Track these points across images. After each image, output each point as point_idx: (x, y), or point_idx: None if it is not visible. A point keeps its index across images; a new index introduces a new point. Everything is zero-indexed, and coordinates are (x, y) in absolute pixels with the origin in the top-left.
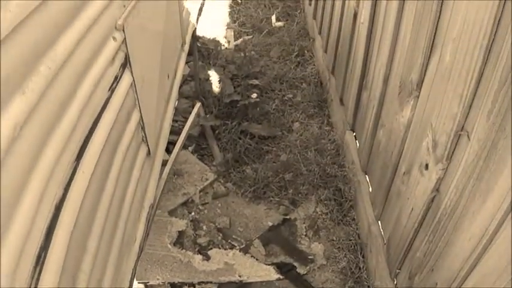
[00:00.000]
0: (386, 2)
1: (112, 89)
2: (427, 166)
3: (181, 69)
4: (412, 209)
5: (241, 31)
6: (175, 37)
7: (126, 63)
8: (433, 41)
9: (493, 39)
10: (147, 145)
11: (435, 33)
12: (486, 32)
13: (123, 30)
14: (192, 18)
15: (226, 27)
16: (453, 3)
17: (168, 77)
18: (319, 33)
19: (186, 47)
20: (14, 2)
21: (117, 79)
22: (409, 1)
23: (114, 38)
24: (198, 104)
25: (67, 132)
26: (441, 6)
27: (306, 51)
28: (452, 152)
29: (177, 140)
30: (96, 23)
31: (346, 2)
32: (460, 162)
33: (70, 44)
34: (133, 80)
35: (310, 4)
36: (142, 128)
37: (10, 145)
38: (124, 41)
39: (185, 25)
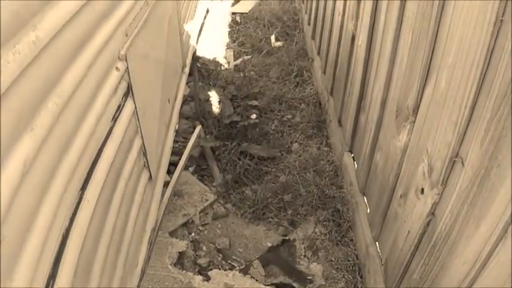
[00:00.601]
0: (383, 25)
1: (115, 119)
2: (422, 190)
3: (182, 92)
4: (409, 231)
5: (240, 51)
6: (176, 61)
7: (128, 92)
8: (429, 67)
9: (486, 69)
10: (149, 170)
11: (431, 60)
12: (479, 61)
13: (126, 60)
14: (192, 41)
15: (226, 47)
16: (448, 31)
17: (169, 101)
18: (318, 53)
19: (187, 70)
20: (23, 44)
21: (119, 108)
22: (405, 26)
23: (117, 68)
24: (199, 127)
25: (73, 163)
26: (437, 33)
27: (304, 72)
28: (447, 178)
29: (178, 161)
30: (100, 55)
31: (345, 24)
32: (454, 187)
33: (76, 78)
34: (136, 108)
35: (309, 24)
36: (144, 154)
37: (20, 181)
38: (126, 70)
39: (185, 48)
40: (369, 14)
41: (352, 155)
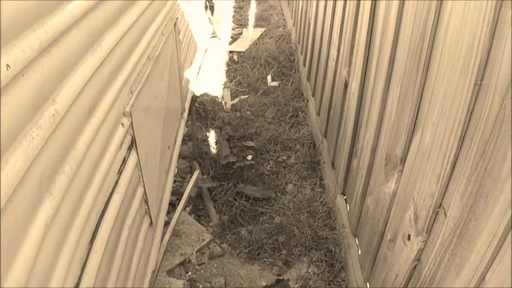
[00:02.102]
0: (374, 77)
1: (120, 171)
2: (409, 237)
3: (181, 137)
4: (397, 275)
5: (237, 90)
6: (175, 107)
7: (132, 145)
8: (416, 121)
9: (467, 128)
10: (150, 216)
11: (417, 114)
12: (461, 120)
13: (130, 116)
14: (191, 84)
15: (223, 86)
16: (432, 91)
17: (169, 147)
18: (313, 95)
19: (185, 114)
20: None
21: (124, 161)
22: (395, 79)
23: (122, 124)
24: (197, 171)
25: (84, 219)
26: (422, 90)
27: (300, 112)
28: (432, 226)
29: (175, 200)
30: (108, 115)
31: (338, 70)
32: (438, 236)
33: (87, 141)
34: (139, 159)
35: (304, 65)
36: (146, 201)
37: (42, 242)
38: (131, 125)
39: (185, 92)
40: (361, 62)
41: (345, 197)
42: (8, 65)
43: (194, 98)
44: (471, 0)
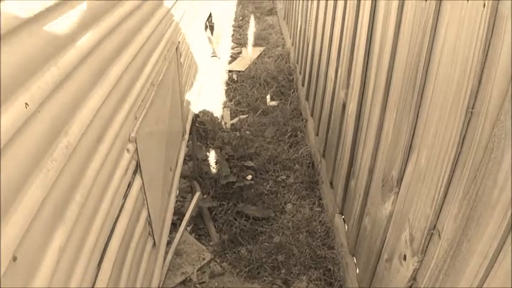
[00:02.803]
0: (371, 99)
1: (126, 196)
2: (405, 257)
3: (182, 158)
4: None
5: (237, 109)
6: (177, 129)
7: (137, 170)
8: (411, 144)
9: (460, 152)
10: (153, 238)
11: (413, 137)
12: (454, 145)
13: (135, 141)
14: (192, 105)
15: (223, 105)
16: (427, 113)
17: (171, 169)
18: (312, 115)
19: (186, 136)
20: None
21: (129, 185)
22: (391, 102)
23: (127, 150)
24: (198, 193)
25: (93, 244)
26: (417, 114)
27: (298, 132)
28: (426, 247)
29: (176, 220)
30: (114, 142)
31: (336, 91)
32: (432, 257)
33: (96, 168)
34: (143, 183)
35: (303, 85)
36: (149, 223)
37: (56, 266)
38: (136, 150)
39: (186, 115)
40: (359, 85)
41: (343, 216)
42: (26, 103)
43: (194, 118)
44: (463, 30)
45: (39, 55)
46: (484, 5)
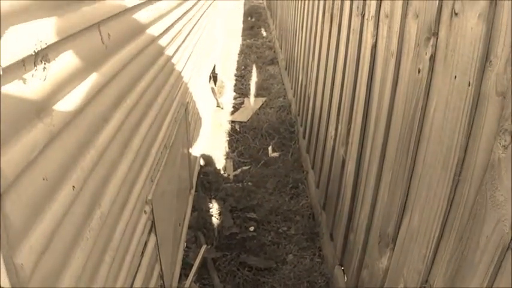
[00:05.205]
0: (368, 160)
1: (142, 253)
2: None
3: (189, 213)
4: None
5: (239, 161)
6: (185, 185)
7: (152, 228)
8: (405, 204)
9: (448, 215)
10: None
11: (407, 198)
12: (443, 208)
13: (151, 203)
14: (198, 159)
15: (225, 156)
16: (419, 177)
17: (180, 224)
18: (312, 168)
19: (193, 190)
20: (93, 221)
21: (146, 244)
22: (387, 163)
23: (145, 212)
24: (204, 246)
25: None
26: (411, 176)
27: (299, 184)
28: None
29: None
30: (135, 206)
31: (336, 148)
32: None
33: (121, 231)
34: (157, 240)
35: (304, 138)
36: (161, 277)
37: None
38: (151, 211)
39: (192, 170)
40: (357, 144)
41: (343, 268)
42: (73, 186)
43: (199, 170)
44: (451, 103)
45: (82, 141)
46: (469, 83)
